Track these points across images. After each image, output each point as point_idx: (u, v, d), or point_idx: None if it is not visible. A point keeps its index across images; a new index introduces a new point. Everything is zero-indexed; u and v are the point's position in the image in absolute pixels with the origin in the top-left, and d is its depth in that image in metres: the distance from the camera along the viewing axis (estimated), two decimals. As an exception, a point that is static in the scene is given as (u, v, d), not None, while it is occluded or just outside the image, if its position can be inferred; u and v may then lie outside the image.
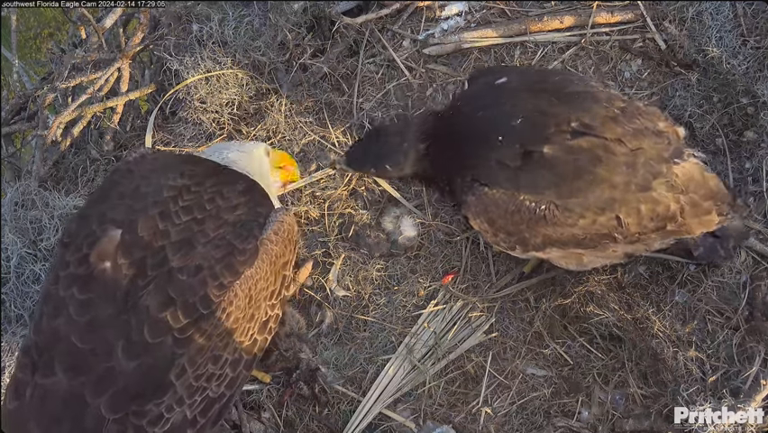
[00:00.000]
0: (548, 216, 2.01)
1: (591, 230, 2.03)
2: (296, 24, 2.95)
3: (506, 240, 2.11)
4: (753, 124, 2.60)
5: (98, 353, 1.77)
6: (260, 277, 1.96)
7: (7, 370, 2.39)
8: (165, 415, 1.79)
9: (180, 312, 1.80)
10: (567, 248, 2.11)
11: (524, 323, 2.55)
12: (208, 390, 1.87)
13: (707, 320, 2.42)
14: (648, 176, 2.00)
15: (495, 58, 2.91)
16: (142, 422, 1.77)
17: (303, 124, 2.84)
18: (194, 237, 1.90)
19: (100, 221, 1.92)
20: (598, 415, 2.40)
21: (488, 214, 2.06)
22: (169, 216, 1.92)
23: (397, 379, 2.49)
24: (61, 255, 1.91)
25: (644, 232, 2.05)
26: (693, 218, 2.09)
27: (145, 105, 3.18)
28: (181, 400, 1.81)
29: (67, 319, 1.80)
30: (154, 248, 1.86)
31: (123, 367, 1.76)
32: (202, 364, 1.84)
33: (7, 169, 3.17)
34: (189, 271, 1.84)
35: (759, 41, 2.66)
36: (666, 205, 2.02)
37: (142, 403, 1.77)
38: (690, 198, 2.06)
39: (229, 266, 1.89)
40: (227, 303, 1.87)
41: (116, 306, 1.80)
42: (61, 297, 1.83)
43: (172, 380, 1.79)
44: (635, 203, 2.00)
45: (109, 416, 1.74)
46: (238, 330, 1.92)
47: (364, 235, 2.69)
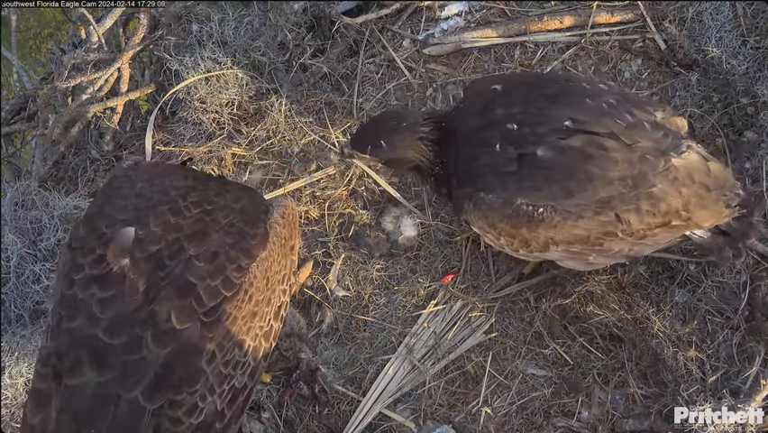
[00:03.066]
0: (546, 218, 2.00)
1: (593, 230, 2.01)
2: (296, 24, 2.95)
3: (508, 243, 2.11)
4: (753, 124, 2.60)
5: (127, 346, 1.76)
6: (273, 259, 2.00)
7: (7, 370, 2.39)
8: (199, 404, 1.80)
9: (204, 296, 1.82)
10: (571, 248, 2.09)
11: (524, 323, 2.55)
12: (234, 379, 1.89)
13: (707, 320, 2.42)
14: (646, 170, 1.97)
15: (495, 58, 2.92)
16: (178, 413, 1.77)
17: (303, 124, 2.84)
18: (207, 226, 1.93)
19: (108, 223, 1.93)
20: (598, 415, 2.40)
21: (487, 219, 2.06)
22: (180, 210, 1.95)
23: (397, 379, 2.49)
24: (72, 260, 1.91)
25: (648, 228, 2.02)
26: (701, 210, 2.05)
27: (145, 106, 3.18)
28: (212, 388, 1.83)
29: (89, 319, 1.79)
30: (169, 241, 1.88)
31: (154, 357, 1.75)
32: (229, 350, 1.86)
33: (7, 169, 3.18)
34: (206, 258, 1.87)
35: (759, 41, 2.66)
36: (668, 199, 1.99)
37: (177, 391, 1.77)
38: (694, 190, 2.02)
39: (244, 250, 1.92)
40: (248, 284, 1.90)
41: (139, 300, 1.80)
42: (80, 299, 1.82)
43: (203, 366, 1.80)
44: (634, 200, 1.98)
45: (148, 406, 1.73)
46: (258, 314, 1.95)
47: (364, 235, 2.69)
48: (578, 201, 1.98)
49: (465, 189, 2.09)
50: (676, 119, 2.15)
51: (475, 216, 2.07)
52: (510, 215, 2.02)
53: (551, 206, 1.99)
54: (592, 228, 2.01)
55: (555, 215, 1.99)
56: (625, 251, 2.12)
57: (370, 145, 2.20)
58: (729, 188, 2.10)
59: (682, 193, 2.01)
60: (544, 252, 2.11)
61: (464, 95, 2.26)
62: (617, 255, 2.15)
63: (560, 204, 1.98)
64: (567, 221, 2.00)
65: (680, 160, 2.02)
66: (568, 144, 1.97)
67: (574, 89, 2.09)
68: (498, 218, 2.04)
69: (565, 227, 2.01)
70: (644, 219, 2.00)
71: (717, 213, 2.09)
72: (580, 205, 1.98)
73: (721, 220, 2.13)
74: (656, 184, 1.98)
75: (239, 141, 2.83)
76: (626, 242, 2.06)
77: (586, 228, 2.01)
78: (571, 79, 2.27)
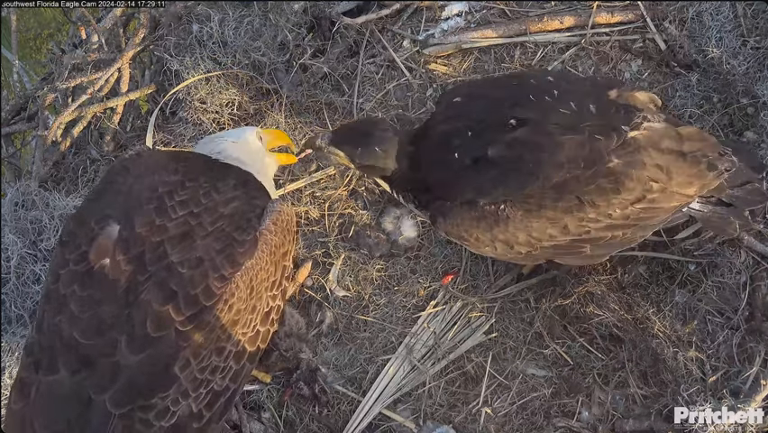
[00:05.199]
0: (510, 214, 2.01)
1: (562, 218, 2.00)
2: (296, 25, 2.95)
3: (491, 249, 2.11)
4: (753, 125, 2.60)
5: (102, 348, 1.77)
6: (260, 268, 1.97)
7: (7, 370, 2.39)
8: (171, 408, 1.80)
9: (182, 305, 1.80)
10: (558, 241, 2.07)
11: (524, 323, 2.55)
12: (213, 382, 1.87)
13: (707, 320, 2.41)
14: (598, 147, 1.96)
15: (495, 58, 2.92)
16: (149, 416, 1.77)
17: (303, 124, 2.84)
18: (192, 231, 1.91)
19: (98, 219, 1.93)
20: (599, 415, 2.40)
21: (458, 227, 2.07)
22: (166, 211, 1.93)
23: (397, 379, 2.49)
24: (60, 254, 1.92)
25: (624, 207, 2.00)
26: (678, 176, 2.03)
27: (145, 106, 3.18)
28: (186, 393, 1.82)
29: (69, 317, 1.80)
30: (152, 243, 1.87)
31: (127, 361, 1.76)
32: (206, 357, 1.85)
33: (7, 169, 3.18)
34: (190, 264, 1.85)
35: (759, 41, 2.66)
36: (629, 172, 1.97)
37: (148, 397, 1.77)
38: (663, 158, 2.00)
39: (229, 258, 1.90)
40: (229, 295, 1.88)
41: (118, 302, 1.80)
42: (62, 294, 1.83)
43: (177, 373, 1.79)
44: (592, 178, 1.96)
45: (115, 411, 1.74)
46: (240, 322, 1.93)
47: (364, 236, 2.69)
48: (533, 191, 1.98)
49: (436, 202, 2.12)
50: (636, 94, 2.13)
51: (449, 226, 2.09)
52: (477, 217, 2.03)
53: (509, 201, 2.00)
54: (561, 216, 2.00)
55: (516, 209, 2.00)
56: (619, 236, 2.09)
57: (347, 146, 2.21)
58: (710, 147, 2.07)
59: (647, 163, 1.99)
60: (534, 250, 2.10)
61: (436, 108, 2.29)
62: (613, 243, 2.11)
63: (517, 198, 1.99)
64: (530, 213, 2.00)
65: (639, 132, 2.00)
66: (513, 137, 1.99)
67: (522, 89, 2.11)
68: (467, 224, 2.05)
69: (532, 220, 2.01)
70: (611, 197, 1.98)
71: (698, 177, 2.06)
72: (538, 194, 1.98)
73: (710, 184, 2.09)
74: (612, 159, 1.97)
75: (239, 141, 2.83)
76: (611, 226, 2.04)
77: (554, 217, 2.00)
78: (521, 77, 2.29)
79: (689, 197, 2.10)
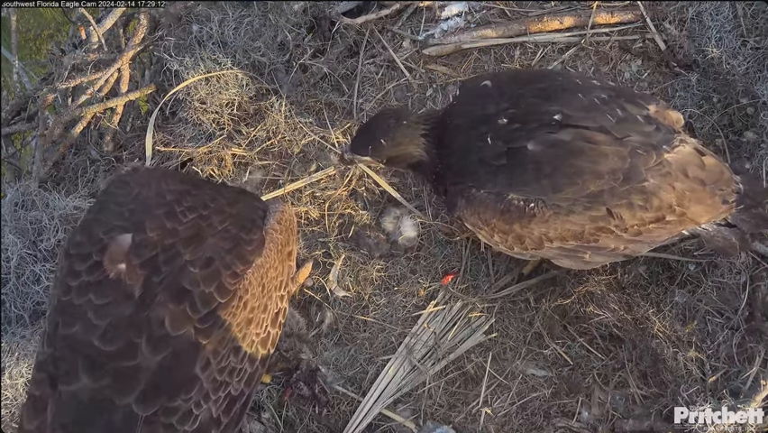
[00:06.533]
0: (538, 213, 2.00)
1: (585, 225, 2.01)
2: (296, 25, 2.96)
3: (502, 240, 2.11)
4: (753, 125, 2.60)
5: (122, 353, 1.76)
6: (269, 266, 1.98)
7: (7, 370, 2.39)
8: (194, 411, 1.79)
9: (199, 302, 1.81)
10: (566, 245, 2.08)
11: (524, 323, 2.55)
12: (230, 386, 1.88)
13: (707, 320, 2.42)
14: (637, 164, 1.96)
15: (495, 58, 2.92)
16: (172, 420, 1.76)
17: (303, 125, 2.84)
18: (202, 231, 1.92)
19: (105, 229, 1.93)
20: (598, 415, 2.40)
21: (479, 215, 2.06)
22: (176, 215, 1.94)
23: (397, 379, 2.49)
24: (69, 266, 1.91)
25: (642, 224, 2.01)
26: (695, 205, 2.04)
27: (145, 106, 3.18)
28: (207, 395, 1.82)
29: (85, 325, 1.79)
30: (165, 246, 1.88)
31: (149, 363, 1.75)
32: (224, 356, 1.85)
33: (7, 169, 3.18)
34: (201, 263, 1.86)
35: (759, 41, 2.66)
36: (660, 194, 1.98)
37: (172, 397, 1.76)
38: (687, 184, 2.01)
39: (239, 256, 1.92)
40: (243, 291, 1.89)
41: (134, 305, 1.80)
42: (77, 305, 1.82)
43: (198, 373, 1.80)
44: (626, 194, 1.96)
45: (141, 413, 1.73)
46: (254, 321, 1.94)
47: (364, 236, 2.69)
48: (568, 195, 1.97)
49: (458, 186, 2.09)
50: (670, 113, 2.14)
51: (468, 212, 2.07)
52: (502, 210, 2.02)
53: (541, 200, 1.99)
54: (584, 223, 2.00)
55: (546, 209, 1.99)
56: (620, 249, 2.11)
57: (370, 146, 2.20)
58: (725, 182, 2.08)
59: (675, 188, 2.00)
60: (539, 249, 2.10)
61: (458, 92, 2.26)
62: (613, 254, 2.14)
63: (550, 198, 1.98)
64: (558, 216, 1.99)
65: (673, 154, 2.01)
66: (557, 138, 1.97)
67: (565, 85, 2.08)
68: (489, 214, 2.04)
69: (557, 222, 2.00)
70: (637, 214, 1.99)
71: (712, 208, 2.07)
72: (571, 199, 1.97)
73: (718, 216, 2.11)
74: (648, 178, 1.97)
75: (239, 141, 2.83)
76: (621, 239, 2.05)
77: (578, 223, 2.00)
78: (561, 75, 2.26)
79: (698, 224, 2.12)
